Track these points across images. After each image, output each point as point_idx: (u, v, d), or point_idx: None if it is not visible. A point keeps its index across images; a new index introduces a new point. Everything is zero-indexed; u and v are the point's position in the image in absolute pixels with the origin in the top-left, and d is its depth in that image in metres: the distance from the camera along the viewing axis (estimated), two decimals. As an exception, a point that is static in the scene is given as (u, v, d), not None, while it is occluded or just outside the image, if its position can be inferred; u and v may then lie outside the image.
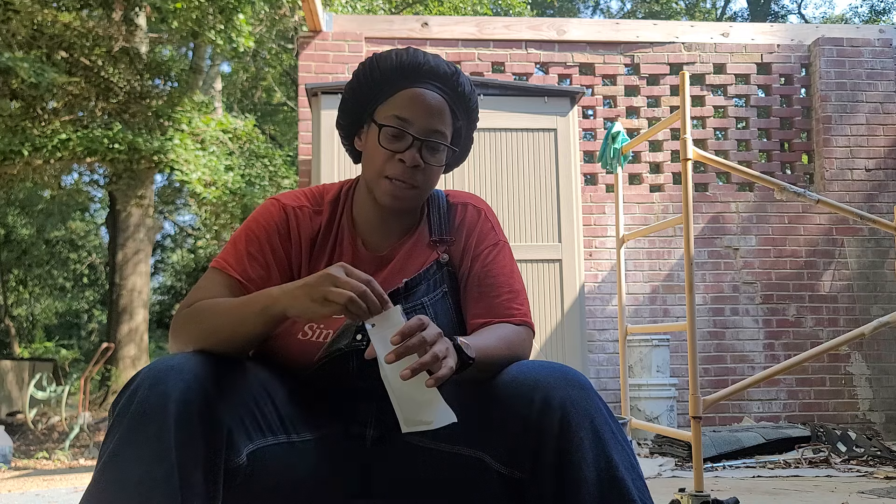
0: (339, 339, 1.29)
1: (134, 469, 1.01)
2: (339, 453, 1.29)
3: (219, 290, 1.27)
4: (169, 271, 25.13)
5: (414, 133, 1.28)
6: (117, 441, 1.03)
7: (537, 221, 4.06)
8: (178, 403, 1.04)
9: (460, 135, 1.38)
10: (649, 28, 5.56)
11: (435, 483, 1.25)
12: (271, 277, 1.30)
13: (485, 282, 1.33)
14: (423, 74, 1.30)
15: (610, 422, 1.11)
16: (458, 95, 1.33)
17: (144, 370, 1.10)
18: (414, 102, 1.29)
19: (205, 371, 1.10)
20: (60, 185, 12.70)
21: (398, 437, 1.29)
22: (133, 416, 1.04)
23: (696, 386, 2.45)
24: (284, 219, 1.34)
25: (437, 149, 1.31)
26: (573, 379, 1.13)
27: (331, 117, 4.07)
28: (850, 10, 23.76)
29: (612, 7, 24.48)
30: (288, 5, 10.78)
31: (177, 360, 1.10)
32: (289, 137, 17.40)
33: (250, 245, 1.31)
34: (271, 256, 1.31)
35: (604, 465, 1.07)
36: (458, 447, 1.20)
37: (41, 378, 9.72)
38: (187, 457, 1.03)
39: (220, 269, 1.29)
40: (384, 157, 1.29)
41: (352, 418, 1.31)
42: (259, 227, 1.33)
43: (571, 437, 1.07)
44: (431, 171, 1.31)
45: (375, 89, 1.31)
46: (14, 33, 8.87)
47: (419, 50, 1.32)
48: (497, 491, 1.17)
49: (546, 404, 1.10)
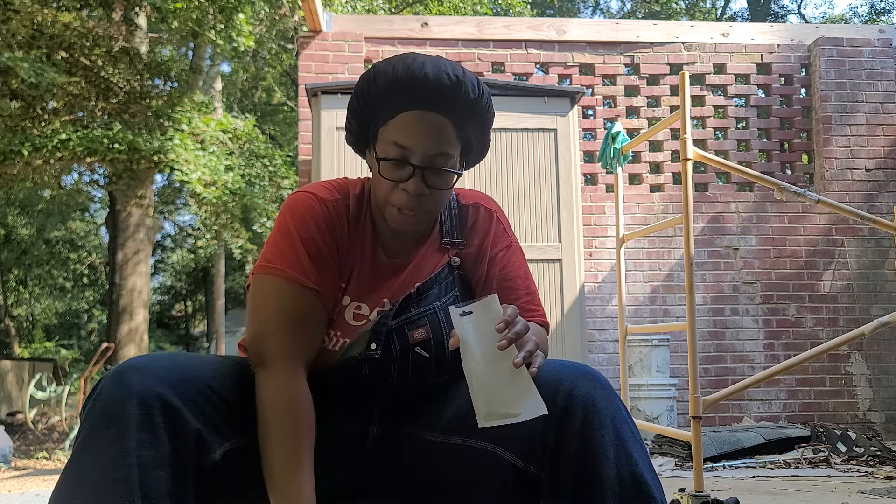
0: (354, 346, 1.28)
1: (92, 472, 1.01)
2: (336, 452, 1.28)
3: (297, 304, 1.21)
4: (169, 271, 25.14)
5: (415, 162, 1.21)
6: (80, 443, 1.04)
7: (537, 221, 4.05)
8: (139, 405, 1.04)
9: (471, 143, 1.30)
10: (649, 28, 5.56)
11: (444, 478, 1.24)
12: (333, 279, 1.27)
13: (503, 285, 1.32)
14: (421, 92, 1.20)
15: (629, 421, 1.13)
16: (463, 105, 1.23)
17: (110, 371, 1.10)
18: (413, 127, 1.21)
19: (169, 372, 1.09)
20: (60, 185, 12.70)
21: (402, 432, 1.29)
22: (94, 419, 1.04)
23: (696, 386, 2.45)
24: (327, 213, 1.28)
25: (443, 172, 1.24)
26: (595, 378, 1.14)
27: (331, 117, 4.07)
28: (850, 10, 23.77)
29: (612, 7, 24.49)
30: (288, 5, 10.78)
31: (142, 361, 1.10)
32: (289, 137, 17.40)
33: (308, 246, 1.24)
34: (329, 256, 1.27)
35: (624, 463, 1.08)
36: (470, 440, 1.20)
37: (41, 378, 9.72)
38: (150, 457, 1.02)
39: (290, 281, 1.22)
40: (387, 187, 1.24)
41: (353, 417, 1.30)
42: (311, 226, 1.26)
43: (593, 435, 1.08)
44: (439, 194, 1.26)
45: (374, 109, 1.24)
46: (14, 33, 8.86)
47: (417, 60, 1.21)
48: (510, 486, 1.17)
49: (569, 401, 1.10)
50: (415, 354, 1.29)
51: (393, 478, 1.29)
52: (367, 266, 1.31)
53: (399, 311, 1.29)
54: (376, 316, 1.29)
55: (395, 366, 1.29)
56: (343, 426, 1.30)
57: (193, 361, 1.15)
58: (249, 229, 10.84)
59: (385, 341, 1.27)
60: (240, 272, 20.18)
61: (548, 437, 1.11)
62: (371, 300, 1.30)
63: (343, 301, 1.29)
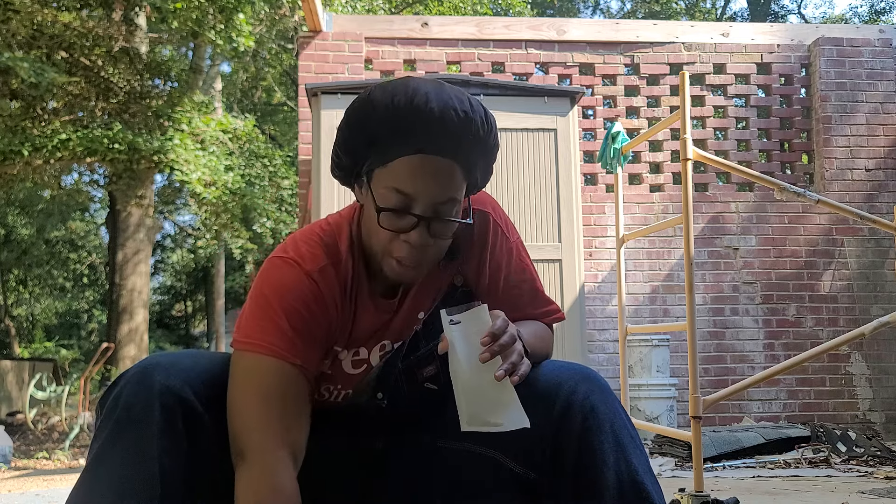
0: (357, 396, 1.25)
1: (115, 474, 1.00)
2: (341, 461, 1.27)
3: (281, 384, 1.08)
4: (169, 271, 25.13)
5: (419, 212, 1.08)
6: (102, 444, 1.03)
7: (537, 221, 4.05)
8: (163, 409, 1.03)
9: (476, 180, 1.18)
10: (649, 28, 5.56)
11: (444, 484, 1.24)
12: (318, 354, 1.15)
13: (510, 293, 1.26)
14: (427, 133, 1.06)
15: (628, 425, 1.11)
16: (473, 144, 1.10)
17: (131, 370, 1.07)
18: (417, 173, 1.07)
19: (193, 374, 1.07)
20: (60, 185, 12.70)
21: (406, 441, 1.27)
22: (118, 420, 1.03)
23: (696, 386, 2.45)
24: (315, 288, 1.13)
25: (448, 221, 1.12)
26: (595, 381, 1.13)
27: (331, 117, 4.07)
28: (850, 10, 23.77)
29: (612, 7, 24.49)
30: (288, 5, 10.78)
31: (166, 360, 1.08)
32: (289, 137, 17.39)
33: (292, 319, 1.10)
34: (317, 332, 1.14)
35: (624, 468, 1.07)
36: (469, 445, 1.19)
37: (41, 378, 9.72)
38: (171, 462, 1.02)
39: (275, 357, 1.08)
40: (387, 238, 1.11)
41: (359, 430, 1.28)
42: (296, 300, 1.11)
43: (592, 440, 1.08)
44: (443, 243, 1.15)
45: (369, 145, 1.09)
46: (14, 33, 8.86)
47: (419, 91, 1.06)
48: (509, 491, 1.16)
49: (568, 406, 1.09)
50: (424, 389, 1.27)
51: (394, 484, 1.29)
52: (366, 315, 1.21)
53: (408, 350, 1.24)
54: (378, 360, 1.24)
55: (403, 402, 1.27)
56: (349, 441, 1.28)
57: (215, 362, 1.13)
58: (249, 229, 10.85)
59: (393, 387, 1.24)
60: (240, 272, 20.17)
61: (547, 442, 1.10)
62: (370, 343, 1.23)
63: (339, 353, 1.21)
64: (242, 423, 1.05)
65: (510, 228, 1.29)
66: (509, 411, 1.04)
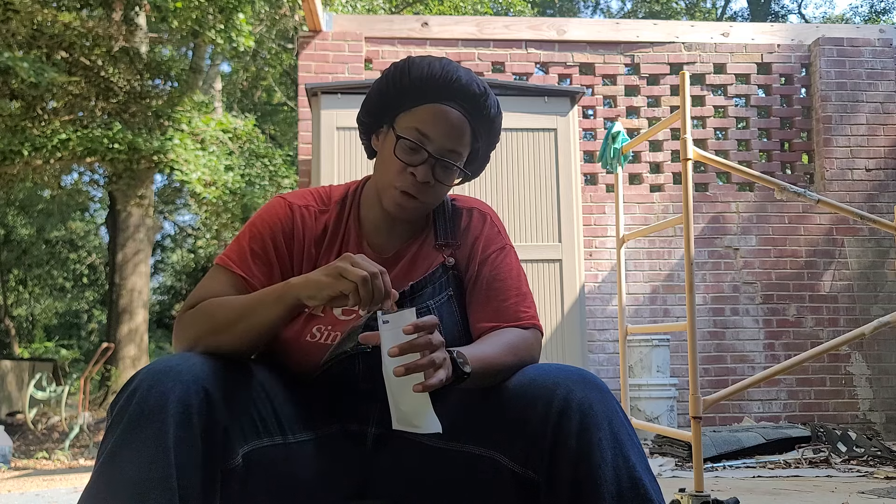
0: (346, 341, 1.29)
1: (132, 470, 1.01)
2: (340, 453, 1.29)
3: (223, 287, 1.27)
4: (169, 271, 25.12)
5: (431, 150, 1.28)
6: (115, 441, 1.03)
7: (537, 221, 4.05)
8: (178, 404, 1.05)
9: (477, 155, 1.38)
10: (649, 28, 5.56)
11: (443, 483, 1.25)
12: (273, 275, 1.30)
13: (492, 286, 1.33)
14: (451, 91, 1.28)
15: (626, 424, 1.13)
16: (483, 117, 1.32)
17: (144, 370, 1.10)
18: (437, 119, 1.28)
19: (204, 372, 1.10)
20: (60, 185, 12.71)
21: (402, 435, 1.29)
22: (132, 417, 1.04)
23: (696, 386, 2.44)
24: (290, 217, 1.34)
25: (451, 168, 1.31)
26: (592, 381, 1.15)
27: (331, 117, 4.07)
28: (850, 9, 23.76)
29: (612, 7, 24.48)
30: (288, 5, 10.79)
31: (176, 361, 1.10)
32: (289, 137, 17.39)
33: (254, 242, 1.31)
34: (274, 255, 1.31)
35: (622, 465, 1.08)
36: (468, 446, 1.20)
37: (41, 378, 9.72)
38: (186, 458, 1.03)
39: (224, 267, 1.29)
40: (397, 168, 1.29)
41: (353, 418, 1.31)
42: (264, 225, 1.32)
43: (590, 438, 1.09)
44: (441, 188, 1.32)
45: (402, 95, 1.30)
46: (14, 33, 8.87)
47: (452, 64, 1.30)
48: (509, 492, 1.17)
49: (566, 405, 1.11)
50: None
51: (392, 482, 1.29)
52: None
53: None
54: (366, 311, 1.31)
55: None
56: (342, 427, 1.30)
57: (224, 363, 1.16)
58: (249, 229, 10.82)
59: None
60: (240, 272, 20.12)
61: (545, 441, 1.11)
62: None
63: None
64: (200, 295, 1.26)
65: (504, 233, 1.42)
66: (425, 415, 1.08)
